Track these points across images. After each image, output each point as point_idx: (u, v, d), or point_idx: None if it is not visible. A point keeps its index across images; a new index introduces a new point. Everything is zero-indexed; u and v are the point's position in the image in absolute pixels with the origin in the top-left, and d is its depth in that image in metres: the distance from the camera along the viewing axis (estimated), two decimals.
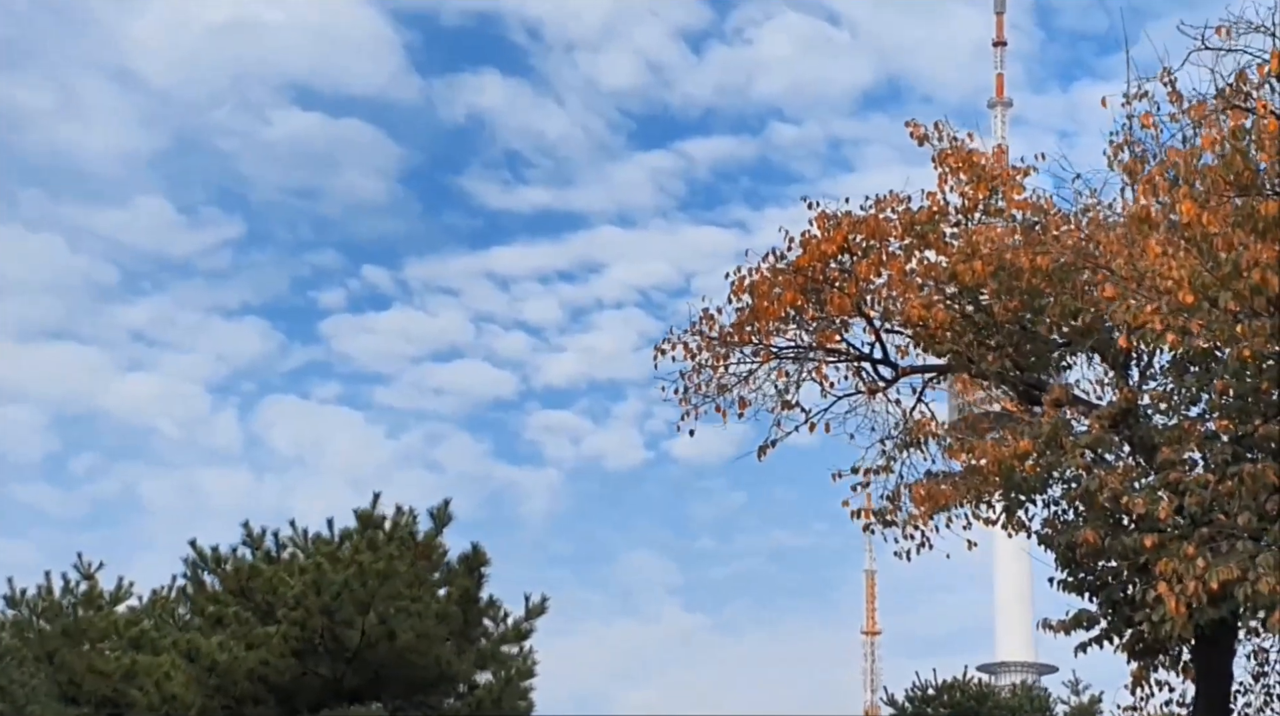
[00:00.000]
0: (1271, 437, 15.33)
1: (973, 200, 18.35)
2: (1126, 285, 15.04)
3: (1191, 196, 12.95)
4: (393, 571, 17.97)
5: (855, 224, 18.46)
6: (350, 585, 17.79)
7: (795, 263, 18.26)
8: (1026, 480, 16.62)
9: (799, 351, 18.78)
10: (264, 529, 19.67)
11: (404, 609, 18.13)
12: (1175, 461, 15.76)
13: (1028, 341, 18.41)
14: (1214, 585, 14.18)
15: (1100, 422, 16.42)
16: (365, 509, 19.12)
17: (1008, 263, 17.37)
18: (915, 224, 18.13)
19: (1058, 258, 16.96)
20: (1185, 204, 12.97)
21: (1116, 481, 15.75)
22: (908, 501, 17.51)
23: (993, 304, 17.79)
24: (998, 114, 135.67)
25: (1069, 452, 16.09)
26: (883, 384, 19.40)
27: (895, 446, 18.32)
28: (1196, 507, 15.28)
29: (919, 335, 18.21)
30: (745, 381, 18.77)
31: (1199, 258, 14.10)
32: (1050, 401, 16.59)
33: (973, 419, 17.37)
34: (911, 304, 17.53)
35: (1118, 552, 15.67)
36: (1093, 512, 16.47)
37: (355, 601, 17.85)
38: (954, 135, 18.47)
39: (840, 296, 18.17)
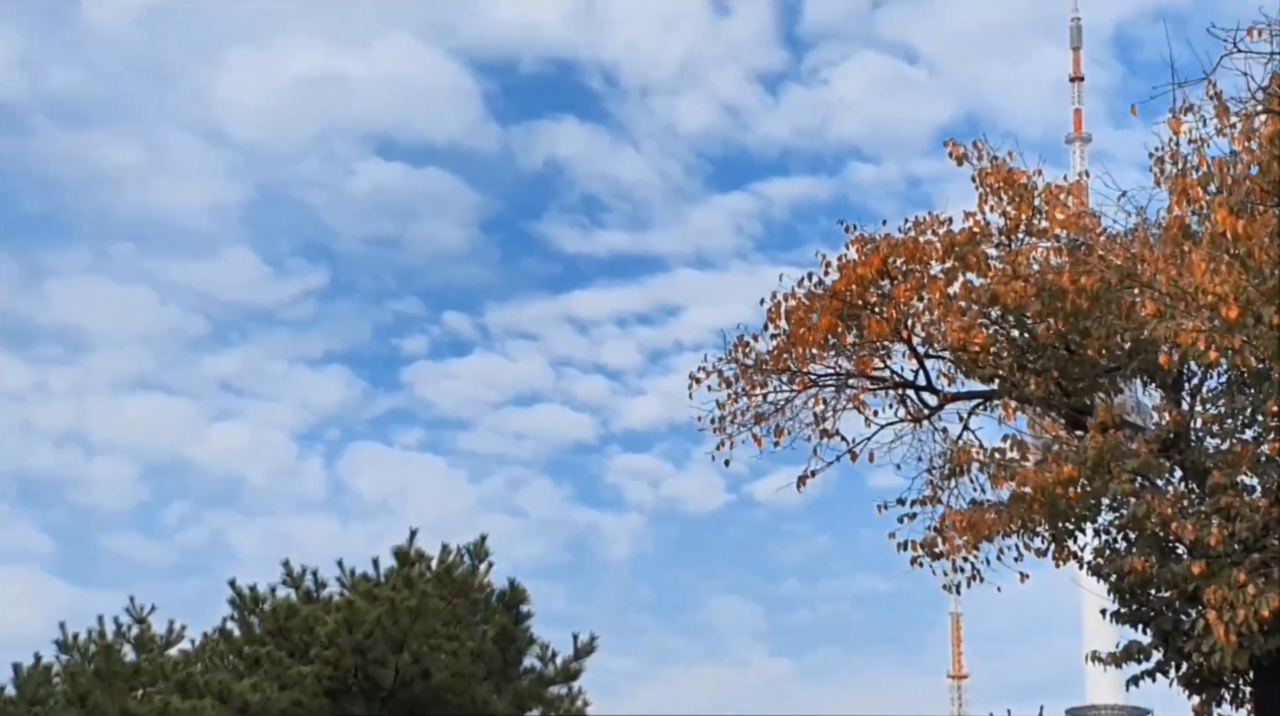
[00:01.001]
0: None
1: (1014, 220, 17.80)
2: (1169, 302, 14.47)
3: (1228, 205, 12.37)
4: (427, 609, 17.63)
5: (894, 247, 17.99)
6: (383, 623, 17.48)
7: (832, 287, 17.83)
8: (1072, 507, 15.98)
9: (838, 379, 18.30)
10: (304, 568, 19.44)
11: (439, 647, 17.79)
12: (1227, 486, 15.13)
13: (1074, 365, 17.82)
14: (1265, 613, 13.53)
15: (1149, 446, 15.79)
16: (402, 546, 18.84)
17: (1050, 283, 16.84)
18: (955, 246, 17.62)
19: (1102, 277, 16.40)
20: (1220, 213, 12.40)
21: (1166, 507, 15.13)
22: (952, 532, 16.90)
23: (1036, 326, 17.23)
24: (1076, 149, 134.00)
25: (1116, 478, 15.46)
26: (927, 412, 18.87)
27: (940, 476, 17.75)
28: (1248, 533, 14.64)
29: (960, 360, 17.67)
30: (782, 410, 18.31)
31: (1243, 272, 13.52)
32: (1096, 425, 15.98)
33: (1016, 444, 16.74)
34: (952, 327, 17.01)
35: (1166, 581, 15.03)
36: (1142, 540, 15.85)
37: (388, 640, 17.55)
38: (994, 154, 17.94)
39: (878, 321, 17.70)
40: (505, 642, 19.14)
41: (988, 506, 16.69)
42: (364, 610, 17.85)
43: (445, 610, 18.73)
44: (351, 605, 17.80)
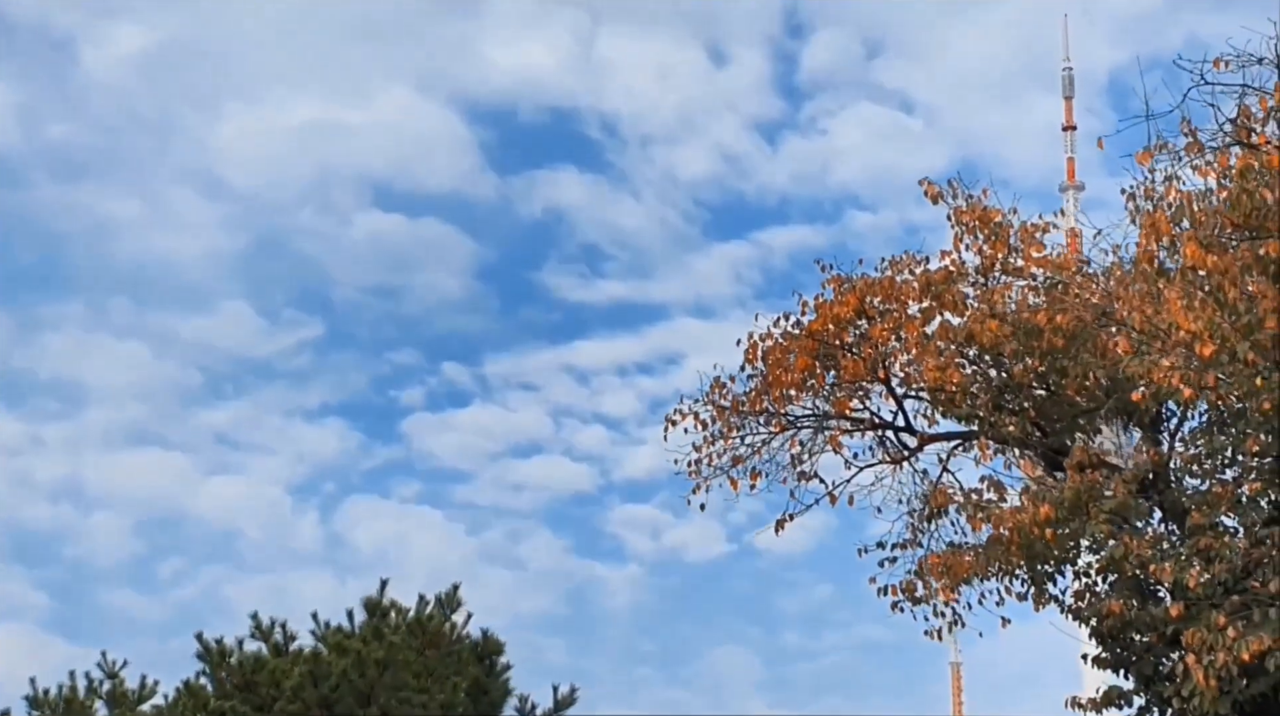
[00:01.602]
0: None
1: (990, 259, 17.62)
2: (1143, 339, 14.26)
3: (1197, 239, 12.18)
4: (395, 660, 17.19)
5: (870, 286, 17.80)
6: (349, 675, 17.03)
7: (808, 327, 17.61)
8: (1050, 549, 15.70)
9: (815, 420, 18.05)
10: (273, 620, 19.01)
11: (408, 700, 17.32)
12: (1206, 527, 14.84)
13: (1052, 405, 17.59)
14: (1245, 656, 13.21)
15: (1127, 487, 15.52)
16: (372, 596, 18.42)
17: (1026, 322, 16.63)
18: (931, 285, 17.41)
19: (1078, 316, 16.19)
20: (1190, 247, 12.22)
21: (1144, 548, 14.84)
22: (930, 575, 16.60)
23: (1013, 365, 17.02)
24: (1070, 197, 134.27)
25: (1093, 519, 15.18)
26: (906, 453, 18.61)
27: (919, 518, 17.46)
28: (1228, 575, 14.34)
29: (938, 400, 17.43)
30: (759, 452, 18.05)
31: (1218, 309, 13.33)
32: (1072, 465, 15.71)
33: (994, 485, 16.46)
34: (927, 367, 16.79)
35: (1145, 624, 14.72)
36: (1121, 582, 15.56)
37: (355, 693, 17.08)
38: (969, 193, 17.78)
39: (854, 361, 17.48)
40: (478, 695, 18.67)
41: (966, 549, 16.40)
42: (330, 662, 17.40)
43: (417, 662, 18.24)
44: (317, 657, 17.35)
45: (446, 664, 19.46)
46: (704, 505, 18.00)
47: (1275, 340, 13.13)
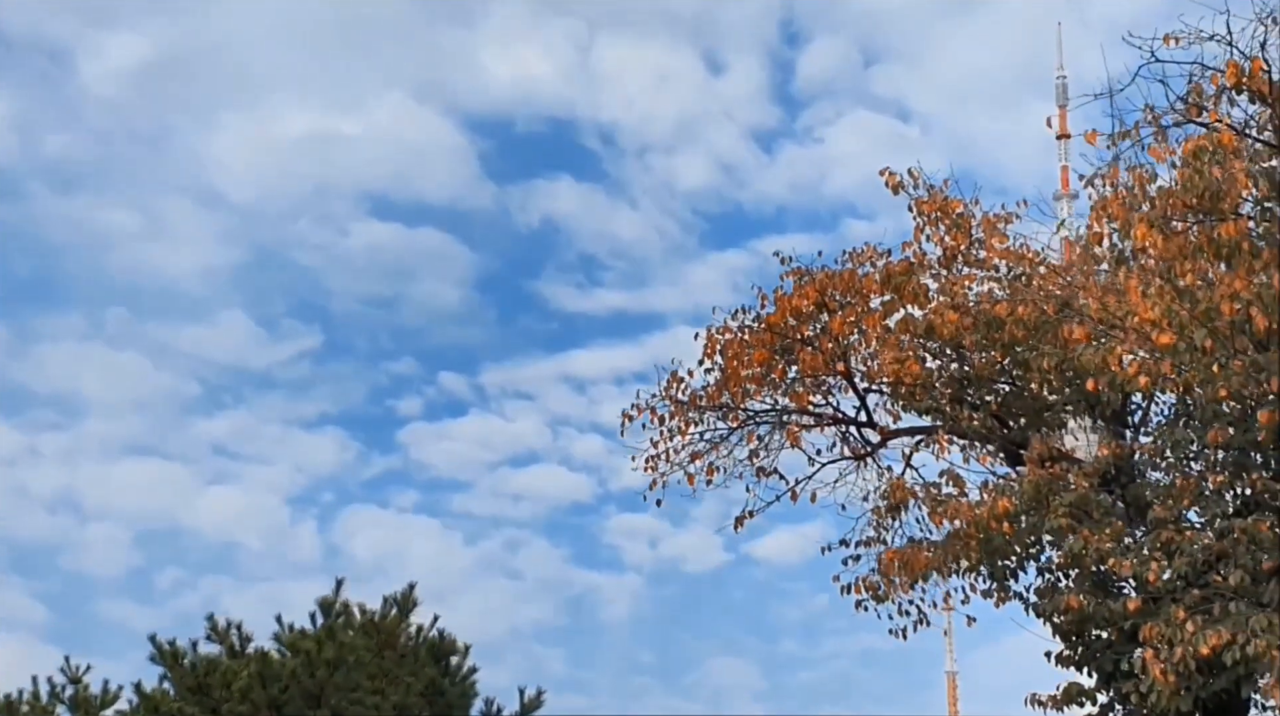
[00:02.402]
0: (1269, 492, 14.05)
1: (951, 250, 17.29)
2: (1099, 327, 13.94)
3: (1148, 220, 11.86)
4: (346, 660, 16.85)
5: (830, 279, 17.47)
6: (299, 676, 16.70)
7: (766, 320, 17.28)
8: (1009, 543, 15.35)
9: (773, 415, 17.70)
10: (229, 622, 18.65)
11: (360, 701, 16.98)
12: (1168, 520, 14.50)
13: (1015, 399, 17.27)
14: (1204, 650, 12.86)
15: (1087, 480, 15.18)
16: (327, 596, 18.09)
17: (988, 314, 16.31)
18: (892, 276, 17.08)
19: (1040, 307, 15.86)
20: (1140, 228, 11.89)
21: (1104, 542, 14.49)
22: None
23: (973, 358, 16.69)
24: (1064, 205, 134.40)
25: (1052, 512, 14.83)
26: (869, 449, 18.28)
27: (878, 514, 17.10)
28: (1188, 568, 14.00)
29: (898, 393, 17.09)
30: (717, 447, 17.71)
31: (1175, 296, 13.01)
32: (1032, 459, 15.37)
33: (953, 479, 16.10)
34: (885, 359, 16.45)
35: (1104, 619, 14.36)
36: (1081, 577, 15.22)
37: (305, 694, 16.76)
38: (930, 183, 17.46)
39: (813, 355, 17.14)
40: (434, 696, 18.34)
41: (924, 544, 16.04)
42: (278, 663, 17.07)
43: (373, 663, 17.90)
44: (265, 657, 17.02)
45: (403, 665, 19.15)
46: (660, 501, 17.66)
47: (1233, 327, 12.79)
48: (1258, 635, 12.60)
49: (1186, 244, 11.87)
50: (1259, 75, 11.76)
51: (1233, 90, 11.92)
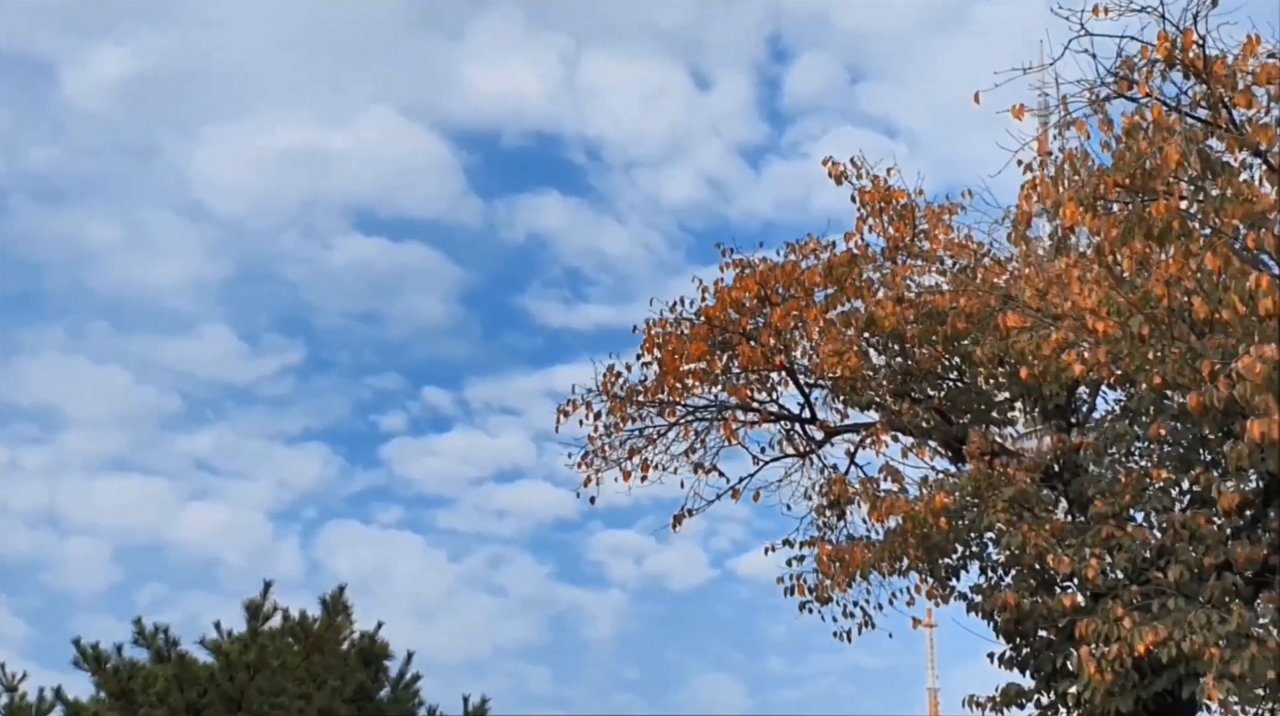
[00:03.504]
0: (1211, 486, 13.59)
1: (894, 241, 16.86)
2: (1035, 314, 13.50)
3: (1077, 198, 11.41)
4: (268, 663, 16.32)
5: (772, 271, 17.03)
6: (218, 680, 16.15)
7: (704, 312, 16.82)
8: (949, 540, 14.87)
9: (711, 410, 17.24)
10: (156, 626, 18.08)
11: (282, 705, 16.43)
12: (1108, 516, 14.04)
13: (960, 394, 16.82)
14: (1140, 648, 12.39)
15: (1029, 475, 14.72)
16: (255, 599, 17.53)
17: (930, 305, 15.87)
18: (834, 268, 16.64)
19: (983, 299, 15.42)
20: (1069, 207, 11.44)
21: (1043, 538, 14.01)
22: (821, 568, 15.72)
23: (914, 351, 16.24)
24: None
25: (991, 507, 14.37)
26: (813, 446, 17.82)
27: (817, 511, 16.65)
28: (1128, 565, 13.54)
29: (839, 388, 16.63)
30: (654, 443, 17.23)
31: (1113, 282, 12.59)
32: (971, 453, 14.91)
33: (891, 474, 15.62)
34: (823, 351, 16.00)
35: (1042, 616, 13.88)
36: (1021, 574, 14.76)
37: (225, 697, 16.21)
38: (874, 172, 17.04)
39: (752, 348, 16.67)
40: (362, 701, 17.77)
41: (862, 541, 15.57)
42: (197, 666, 16.52)
43: (300, 667, 17.34)
44: (183, 660, 16.47)
45: (332, 669, 18.60)
46: (594, 498, 17.16)
47: (1171, 314, 12.36)
48: (1194, 632, 12.13)
49: (1117, 223, 11.40)
50: (1192, 48, 11.35)
51: (1165, 64, 11.49)
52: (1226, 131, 11.43)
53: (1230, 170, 11.42)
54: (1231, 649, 12.29)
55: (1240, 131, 11.39)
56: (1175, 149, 11.32)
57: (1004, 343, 14.85)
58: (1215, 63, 11.35)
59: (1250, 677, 12.32)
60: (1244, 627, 12.32)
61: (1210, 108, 11.62)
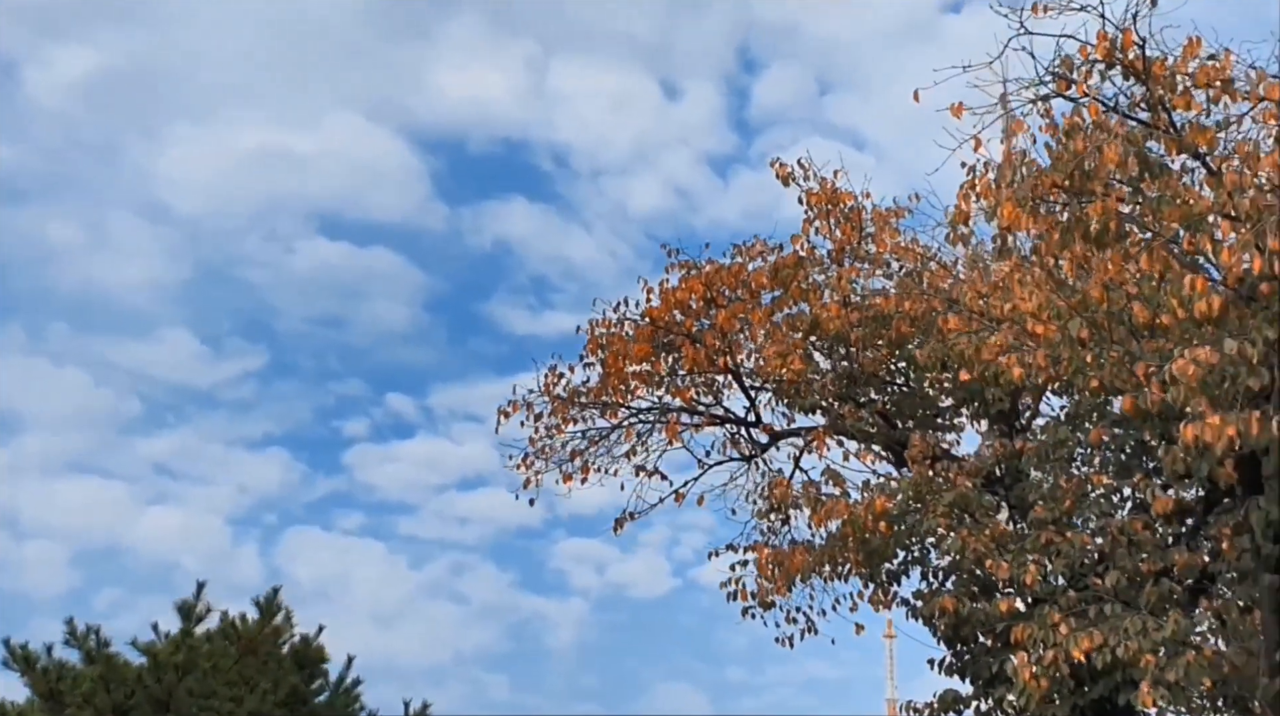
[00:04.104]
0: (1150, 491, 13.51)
1: (841, 244, 16.73)
2: (975, 317, 13.39)
3: (1015, 198, 11.28)
4: (196, 665, 16.03)
5: (718, 272, 16.88)
6: (145, 681, 15.85)
7: (647, 312, 16.64)
8: (888, 545, 14.73)
9: (653, 412, 17.05)
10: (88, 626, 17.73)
11: (210, 707, 16.14)
12: (1048, 521, 13.93)
13: (905, 398, 16.71)
14: (1076, 653, 12.25)
15: (970, 479, 14.59)
16: (187, 600, 17.24)
17: (875, 308, 15.76)
18: (780, 270, 16.50)
19: (928, 302, 15.32)
20: (1006, 207, 11.31)
21: (982, 543, 13.89)
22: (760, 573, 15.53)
23: (859, 354, 16.11)
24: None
25: (930, 512, 14.24)
26: (758, 449, 17.66)
27: (759, 514, 16.47)
28: (1066, 570, 13.43)
29: (783, 391, 16.47)
30: (596, 444, 17.03)
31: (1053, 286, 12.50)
32: (913, 457, 14.78)
33: (832, 477, 15.47)
34: (766, 353, 15.85)
35: (980, 622, 13.74)
36: (960, 579, 14.63)
37: (152, 699, 15.91)
38: (821, 174, 16.91)
39: (695, 350, 16.50)
40: (296, 705, 17.49)
41: (803, 546, 15.40)
42: (124, 667, 16.21)
43: (233, 669, 17.06)
44: (110, 661, 16.16)
45: (266, 672, 18.31)
46: (533, 500, 16.94)
47: (1110, 317, 12.26)
48: (1129, 638, 12.00)
49: (1055, 225, 11.28)
50: (1131, 49, 11.25)
51: (1105, 64, 11.39)
52: (1165, 133, 11.33)
53: (1168, 172, 11.32)
54: (1168, 656, 12.16)
55: (1179, 134, 11.29)
56: (1114, 150, 11.22)
57: (946, 346, 14.75)
58: (1154, 64, 11.25)
59: (1186, 685, 12.20)
60: (1180, 634, 12.19)
61: (1150, 109, 11.52)
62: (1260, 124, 11.60)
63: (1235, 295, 11.46)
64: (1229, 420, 10.27)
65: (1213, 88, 11.25)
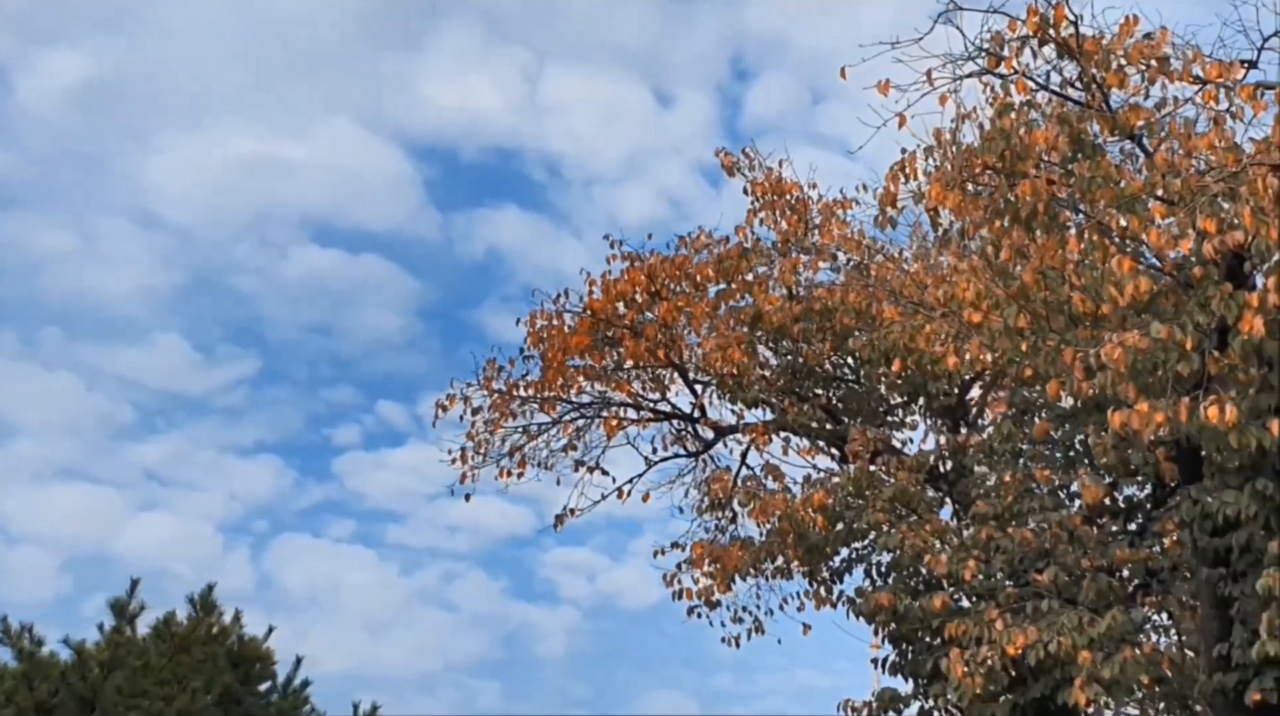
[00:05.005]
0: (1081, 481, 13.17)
1: (786, 235, 16.38)
2: (913, 305, 13.06)
3: (943, 180, 10.93)
4: (123, 662, 15.64)
5: (662, 264, 16.52)
6: (68, 679, 15.47)
7: (588, 304, 16.27)
8: (828, 541, 14.37)
9: (593, 407, 16.68)
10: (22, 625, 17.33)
11: (137, 705, 15.75)
12: (989, 516, 13.58)
13: (851, 394, 16.36)
14: (1011, 650, 11.89)
15: (911, 474, 14.24)
16: (120, 597, 16.85)
17: (819, 300, 15.42)
18: (724, 261, 16.15)
19: (872, 294, 14.97)
20: (935, 187, 10.97)
21: (921, 538, 13.54)
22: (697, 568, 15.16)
23: (801, 347, 15.76)
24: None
25: (870, 507, 13.89)
26: (701, 446, 17.30)
27: (698, 511, 16.12)
28: (1005, 566, 13.08)
29: (725, 384, 16.11)
30: (535, 439, 16.65)
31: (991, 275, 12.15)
32: (853, 451, 14.43)
33: (772, 471, 15.12)
34: (706, 345, 15.48)
35: (916, 617, 13.38)
36: (903, 576, 14.27)
37: (76, 697, 15.53)
38: (766, 164, 16.57)
39: (636, 342, 16.13)
40: (229, 704, 17.10)
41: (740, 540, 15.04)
42: (49, 665, 15.82)
43: (166, 668, 16.67)
44: (33, 658, 15.76)
45: (200, 670, 17.92)
46: (469, 495, 16.54)
47: (1048, 306, 11.92)
48: (1063, 633, 11.65)
49: (984, 206, 10.94)
50: (1064, 25, 10.92)
51: (1037, 41, 11.05)
52: (1099, 113, 11.00)
53: (1101, 153, 10.98)
54: (1105, 653, 11.82)
55: (1113, 114, 10.96)
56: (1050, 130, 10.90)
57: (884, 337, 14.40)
58: (1086, 41, 10.92)
59: (1123, 682, 11.86)
60: (1117, 631, 11.85)
61: (1085, 88, 11.19)
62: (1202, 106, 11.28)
63: (1174, 281, 11.16)
64: (1158, 407, 9.93)
65: (1147, 66, 10.92)
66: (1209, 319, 10.34)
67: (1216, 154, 10.60)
